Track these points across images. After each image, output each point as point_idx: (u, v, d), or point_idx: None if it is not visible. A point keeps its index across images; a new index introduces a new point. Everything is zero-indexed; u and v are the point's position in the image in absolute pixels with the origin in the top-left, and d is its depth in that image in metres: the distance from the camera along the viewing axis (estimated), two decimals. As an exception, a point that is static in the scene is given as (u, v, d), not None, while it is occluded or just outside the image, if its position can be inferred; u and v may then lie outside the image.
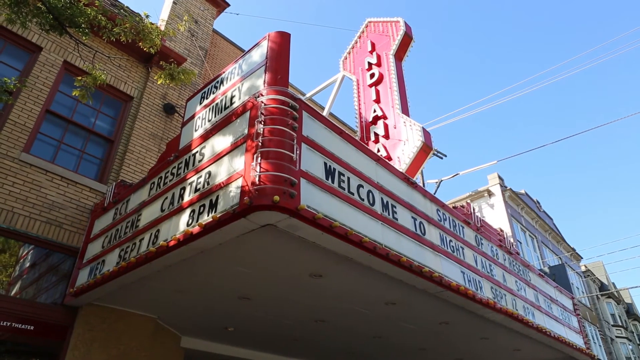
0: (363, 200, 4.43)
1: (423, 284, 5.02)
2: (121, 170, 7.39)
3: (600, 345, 30.83)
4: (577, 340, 9.08)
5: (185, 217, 4.33)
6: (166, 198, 4.87)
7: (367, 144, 7.90)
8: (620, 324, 36.78)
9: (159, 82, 6.13)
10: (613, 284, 43.12)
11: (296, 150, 3.88)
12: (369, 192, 4.58)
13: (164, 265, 4.66)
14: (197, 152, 4.78)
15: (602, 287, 38.07)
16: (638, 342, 41.40)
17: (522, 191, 28.41)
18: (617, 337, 35.26)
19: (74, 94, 5.51)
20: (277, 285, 5.28)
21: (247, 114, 4.18)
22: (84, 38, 5.39)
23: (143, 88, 8.44)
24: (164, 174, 5.20)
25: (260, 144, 3.81)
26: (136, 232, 5.10)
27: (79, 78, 5.44)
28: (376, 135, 8.06)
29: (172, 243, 4.26)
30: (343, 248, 4.10)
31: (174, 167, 5.07)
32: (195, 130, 5.28)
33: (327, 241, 3.97)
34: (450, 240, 5.77)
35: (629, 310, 44.26)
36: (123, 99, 8.15)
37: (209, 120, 5.12)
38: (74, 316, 5.94)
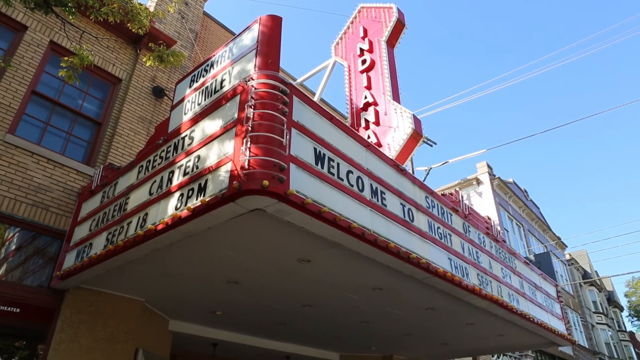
0: (352, 186, 4.45)
1: (410, 270, 5.07)
2: (109, 153, 7.31)
3: (581, 332, 31.53)
4: (559, 326, 9.26)
5: (173, 200, 4.31)
6: (154, 181, 4.84)
7: (358, 130, 7.90)
8: (601, 310, 37.62)
9: (147, 64, 6.05)
10: (596, 272, 43.97)
11: (286, 135, 3.86)
12: (358, 178, 4.59)
13: (152, 248, 4.65)
14: (186, 135, 4.74)
15: (585, 275, 38.80)
16: (617, 329, 42.43)
17: (511, 180, 28.68)
18: (597, 323, 36.07)
19: (60, 74, 5.42)
20: (265, 270, 5.30)
21: (237, 98, 4.15)
22: (70, 17, 5.29)
23: (132, 70, 8.32)
24: (153, 157, 5.16)
25: (250, 128, 3.79)
26: (124, 216, 5.07)
27: (66, 58, 5.34)
28: (367, 121, 8.06)
29: (160, 227, 4.24)
30: (332, 233, 4.12)
31: (163, 151, 5.03)
32: (185, 114, 5.23)
33: (316, 226, 3.99)
34: (438, 227, 5.82)
35: (610, 298, 45.24)
36: (111, 81, 8.04)
37: (199, 104, 5.07)
38: (60, 299, 5.91)
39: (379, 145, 7.44)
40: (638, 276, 46.71)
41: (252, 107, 3.90)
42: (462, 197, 6.92)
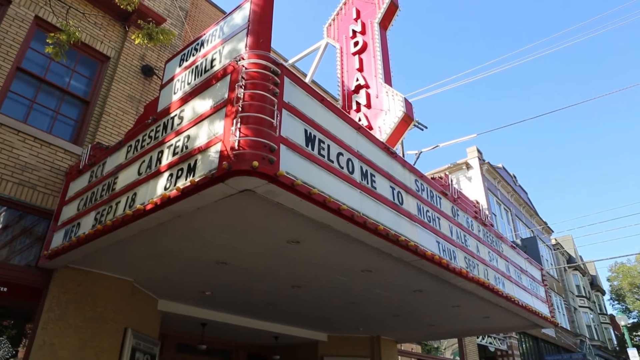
0: (342, 168, 4.45)
1: (399, 252, 5.12)
2: (97, 132, 7.22)
3: (564, 314, 32.23)
4: (543, 309, 9.45)
5: (162, 180, 4.29)
6: (143, 161, 4.80)
7: (349, 113, 7.87)
8: (584, 294, 38.44)
9: (136, 42, 5.94)
10: (580, 257, 44.78)
11: (276, 116, 3.84)
12: (348, 160, 4.59)
13: (141, 228, 4.63)
14: (175, 115, 4.69)
15: (570, 259, 39.51)
16: (599, 312, 43.47)
17: (500, 165, 28.90)
18: (580, 306, 36.88)
19: (46, 51, 5.29)
20: (254, 251, 5.32)
21: (228, 77, 4.11)
22: (56, -8, 5.15)
23: (120, 48, 8.17)
24: (142, 136, 5.11)
25: (240, 108, 3.76)
26: (112, 195, 5.03)
27: (52, 35, 5.21)
28: (358, 104, 8.03)
29: (149, 207, 4.22)
30: (321, 215, 4.13)
31: (152, 130, 4.98)
32: (174, 93, 5.17)
33: (306, 208, 3.99)
34: (427, 211, 5.86)
35: (593, 282, 46.22)
36: (99, 59, 7.89)
37: (189, 83, 5.01)
38: (48, 278, 5.89)
39: (370, 128, 7.44)
40: (620, 261, 47.69)
41: (243, 87, 3.86)
42: (451, 181, 6.97)
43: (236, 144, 3.59)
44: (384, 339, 11.79)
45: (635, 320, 44.69)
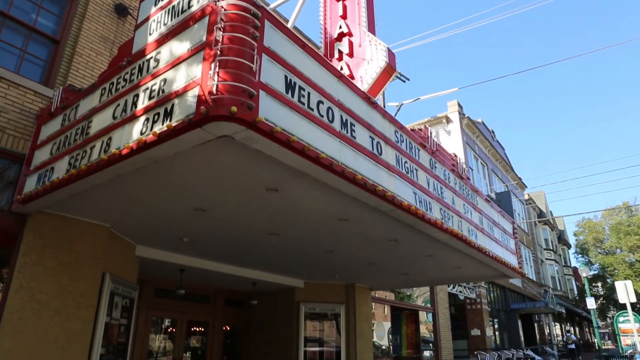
0: (322, 116, 4.41)
1: (376, 202, 5.19)
2: (69, 74, 6.93)
3: (531, 266, 33.69)
4: (512, 260, 9.83)
5: (138, 125, 4.19)
6: (118, 105, 4.66)
7: (331, 61, 7.72)
8: (551, 248, 40.11)
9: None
10: (551, 212, 46.33)
11: (256, 61, 3.74)
12: (328, 108, 4.54)
13: (117, 174, 4.56)
14: (151, 57, 4.52)
15: (541, 214, 40.87)
16: (563, 264, 45.60)
17: (480, 120, 29.11)
18: (546, 259, 38.58)
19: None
20: (232, 198, 5.32)
21: (206, 19, 3.94)
22: None
23: (91, -16, 7.72)
24: (116, 79, 4.93)
25: (218, 52, 3.64)
26: (87, 140, 4.91)
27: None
28: (340, 52, 7.87)
29: (124, 151, 4.14)
30: (300, 163, 4.13)
31: (127, 73, 4.80)
32: (150, 34, 4.95)
33: (284, 155, 3.98)
34: (406, 162, 5.91)
35: (560, 236, 48.15)
36: (68, -5, 7.45)
37: (165, 24, 4.79)
38: (23, 223, 5.81)
39: (352, 77, 7.33)
40: (588, 217, 49.54)
41: (222, 29, 3.72)
42: (430, 133, 7.00)
43: (214, 89, 3.51)
44: (359, 287, 12.20)
45: (596, 272, 47.08)
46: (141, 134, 4.07)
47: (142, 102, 4.29)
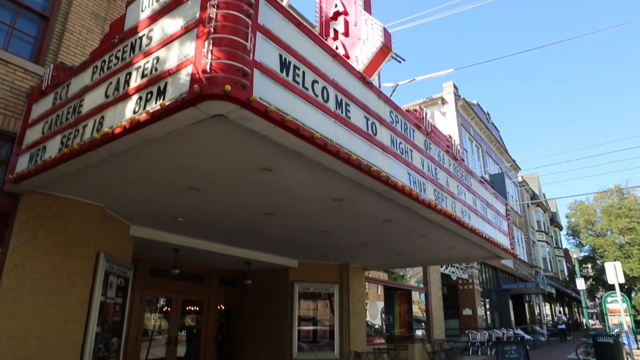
0: (317, 96, 4.38)
1: (370, 182, 5.20)
2: (59, 51, 6.81)
3: (523, 247, 34.07)
4: (505, 241, 9.93)
5: (131, 104, 4.14)
6: (111, 83, 4.60)
7: (326, 40, 7.63)
8: (543, 229, 40.52)
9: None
10: (544, 194, 46.65)
11: (250, 39, 3.69)
12: (323, 88, 4.51)
13: (110, 153, 4.53)
14: (144, 35, 4.45)
15: (534, 196, 41.15)
16: (555, 246, 46.18)
17: (475, 102, 29.04)
18: (538, 240, 38.99)
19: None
20: (226, 178, 5.31)
21: (199, -5, 3.87)
22: None
23: (81, -41, 7.53)
24: (108, 57, 4.86)
25: (212, 29, 3.59)
26: (79, 119, 4.86)
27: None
28: (335, 32, 7.78)
29: (117, 130, 4.10)
30: (294, 143, 4.11)
31: (119, 51, 4.73)
32: (142, 11, 4.85)
33: (279, 135, 3.96)
34: (400, 143, 5.90)
35: (553, 218, 48.60)
36: (58, -30, 7.28)
37: (157, 1, 4.69)
38: (16, 202, 5.78)
39: (347, 57, 7.26)
40: (580, 199, 50.01)
41: (215, 6, 3.66)
42: (425, 114, 6.98)
43: (208, 67, 3.47)
44: (353, 267, 12.31)
45: (586, 254, 47.75)
46: (134, 112, 4.03)
47: (135, 80, 4.23)
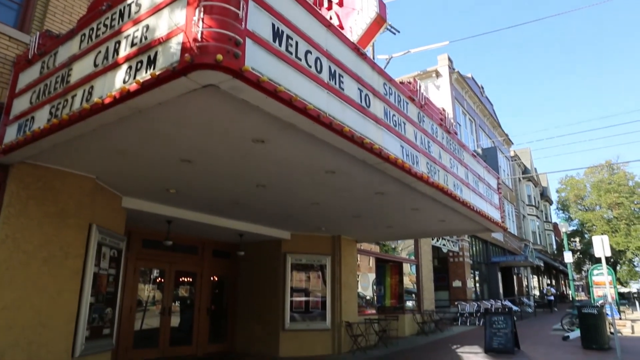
0: (310, 67, 4.32)
1: (363, 154, 5.19)
2: (45, 18, 6.63)
3: (513, 221, 34.51)
4: (495, 215, 10.04)
5: (121, 73, 4.07)
6: (99, 52, 4.50)
7: (320, 10, 7.49)
8: (533, 204, 40.98)
9: None
10: (535, 169, 46.99)
11: (243, 8, 3.61)
12: (317, 59, 4.45)
13: (100, 123, 4.47)
14: (133, 2, 4.33)
15: (525, 171, 41.46)
16: (544, 220, 46.81)
17: (469, 75, 28.88)
18: (528, 214, 39.48)
19: None
20: (219, 149, 5.28)
21: (189, -40, 3.76)
22: None
23: None
24: (96, 25, 4.74)
25: (203, -4, 3.50)
26: (67, 88, 4.77)
27: None
28: (329, 1, 7.63)
29: (107, 100, 4.04)
30: (287, 114, 4.08)
31: (107, 18, 4.61)
32: (130, -23, 4.72)
33: (271, 106, 3.92)
34: (394, 115, 5.88)
35: (543, 193, 49.11)
36: None
37: (146, -34, 4.57)
38: (5, 173, 5.72)
39: (341, 27, 7.15)
40: (571, 174, 50.42)
41: (206, -28, 3.56)
42: (419, 86, 6.93)
43: (199, 36, 3.40)
44: (345, 238, 12.42)
45: (575, 228, 48.48)
46: (124, 82, 3.96)
47: (124, 49, 4.15)
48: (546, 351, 11.88)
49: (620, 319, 19.47)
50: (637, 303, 26.64)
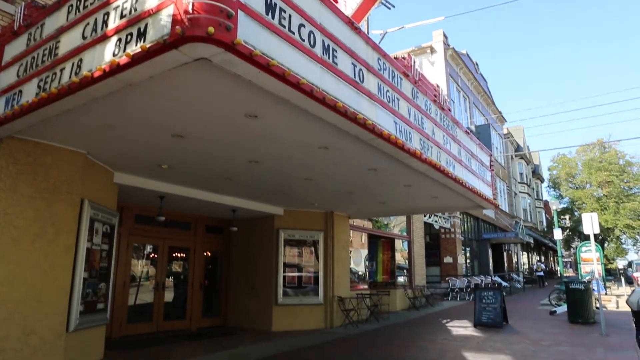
0: (304, 41, 4.25)
1: (356, 130, 5.17)
2: (32, -11, 6.45)
3: (505, 199, 34.82)
4: (487, 192, 10.10)
5: (111, 46, 3.98)
6: (88, 24, 4.39)
7: (313, -17, 7.34)
8: (525, 181, 41.30)
9: None
10: (527, 146, 47.18)
11: (235, -22, 3.52)
12: (310, 33, 4.38)
13: (90, 97, 4.39)
14: (120, -29, 4.21)
15: (518, 148, 41.63)
16: (535, 197, 47.27)
17: (464, 51, 28.64)
18: (520, 192, 39.83)
19: None
20: (211, 124, 5.23)
21: None
22: None
23: None
24: (84, -5, 4.61)
25: (193, -34, 3.41)
26: (56, 61, 4.67)
27: None
28: (323, -26, 7.47)
29: (97, 74, 3.96)
30: (280, 89, 4.03)
31: (95, -12, 4.49)
32: (118, -55, 4.58)
33: (264, 80, 3.87)
34: (387, 91, 5.84)
35: (535, 171, 49.44)
36: None
37: None
38: (-6, 148, 5.66)
39: (335, 1, 7.01)
40: (562, 152, 50.72)
41: (196, -60, 3.46)
42: (414, 62, 6.86)
43: (190, 8, 3.32)
44: (338, 215, 12.49)
45: (565, 205, 49.04)
46: (114, 55, 3.89)
47: (114, 21, 4.05)
48: (533, 325, 12.15)
49: (606, 294, 19.90)
50: (622, 279, 27.18)
